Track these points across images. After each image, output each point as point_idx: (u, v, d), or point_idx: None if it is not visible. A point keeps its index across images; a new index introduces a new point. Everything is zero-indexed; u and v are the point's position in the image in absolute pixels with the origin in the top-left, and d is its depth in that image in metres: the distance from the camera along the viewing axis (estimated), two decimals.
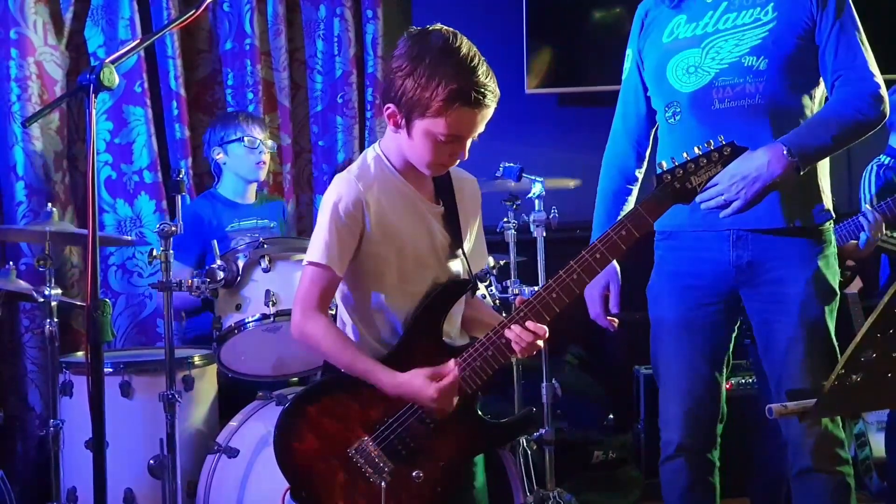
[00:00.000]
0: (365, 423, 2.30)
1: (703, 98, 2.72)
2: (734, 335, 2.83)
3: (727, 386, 4.21)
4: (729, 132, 2.62)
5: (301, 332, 2.33)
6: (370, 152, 2.37)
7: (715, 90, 2.70)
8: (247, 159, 4.03)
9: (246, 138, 4.00)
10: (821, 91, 2.74)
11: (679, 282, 2.80)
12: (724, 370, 2.82)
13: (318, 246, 2.28)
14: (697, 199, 2.56)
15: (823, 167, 2.75)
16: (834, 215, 2.77)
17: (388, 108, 2.25)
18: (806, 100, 2.71)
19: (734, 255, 2.71)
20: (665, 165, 2.29)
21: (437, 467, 2.30)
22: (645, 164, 2.96)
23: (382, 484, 2.27)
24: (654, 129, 2.94)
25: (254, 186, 4.14)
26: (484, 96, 2.19)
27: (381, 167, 2.33)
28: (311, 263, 2.29)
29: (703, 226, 2.71)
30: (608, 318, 2.89)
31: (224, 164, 4.07)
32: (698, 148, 2.29)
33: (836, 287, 2.72)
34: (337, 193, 2.29)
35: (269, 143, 4.11)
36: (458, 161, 2.31)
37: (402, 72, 2.21)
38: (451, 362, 2.28)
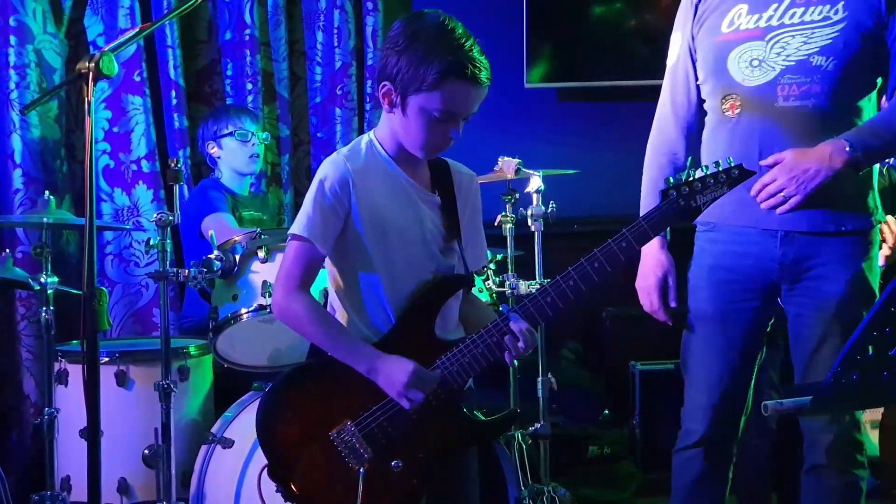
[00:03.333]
0: (349, 408, 2.30)
1: (766, 94, 2.66)
2: (767, 331, 2.81)
3: None
4: (789, 130, 2.62)
5: (282, 311, 2.33)
6: (364, 138, 2.38)
7: (780, 87, 2.64)
8: (240, 152, 4.06)
9: (237, 132, 4.02)
10: (876, 93, 2.71)
11: (718, 275, 2.76)
12: (756, 365, 2.79)
13: (301, 220, 2.29)
14: (754, 195, 2.58)
15: (874, 172, 2.73)
16: (885, 219, 2.75)
17: (384, 86, 2.26)
18: (865, 102, 2.68)
19: (780, 253, 2.67)
20: (671, 181, 2.28)
21: (416, 458, 2.30)
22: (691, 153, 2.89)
23: (361, 470, 2.28)
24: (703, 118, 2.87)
25: (248, 180, 4.16)
26: (479, 71, 2.21)
27: (373, 151, 2.34)
28: (293, 238, 2.30)
29: (751, 222, 2.68)
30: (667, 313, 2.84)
31: (219, 157, 4.09)
32: (705, 167, 2.28)
33: (877, 290, 2.70)
34: (324, 172, 2.31)
35: (263, 134, 4.12)
36: (452, 142, 2.29)
37: (398, 48, 2.22)
38: (438, 372, 2.28)
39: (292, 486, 2.35)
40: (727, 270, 2.75)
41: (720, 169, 2.28)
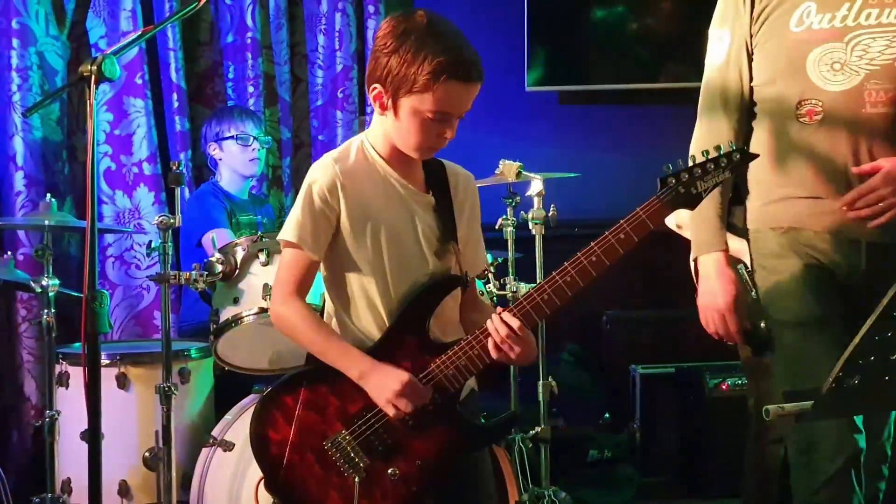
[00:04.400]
0: (343, 416, 2.27)
1: (853, 100, 2.50)
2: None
3: (724, 387, 4.26)
4: (877, 138, 2.50)
5: (277, 318, 2.32)
6: (355, 139, 2.35)
7: (867, 93, 2.49)
8: (241, 156, 4.09)
9: (239, 135, 4.04)
10: None
11: (815, 274, 2.56)
12: None
13: (291, 226, 2.26)
14: (846, 204, 2.47)
15: None
16: None
17: (374, 88, 2.22)
18: None
19: (866, 264, 2.54)
20: (670, 168, 2.19)
21: (413, 466, 2.26)
22: None
23: (356, 479, 2.25)
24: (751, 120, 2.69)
25: (248, 183, 4.17)
26: (470, 69, 2.17)
27: (364, 153, 2.30)
28: (286, 245, 2.28)
29: (833, 229, 2.54)
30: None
31: (220, 159, 4.12)
32: (703, 153, 2.18)
33: None
34: (313, 176, 2.27)
35: (265, 138, 4.15)
36: (447, 142, 2.25)
37: (388, 49, 2.18)
38: (428, 388, 2.24)
39: (289, 498, 2.31)
40: (822, 269, 2.56)
41: (720, 153, 2.18)
